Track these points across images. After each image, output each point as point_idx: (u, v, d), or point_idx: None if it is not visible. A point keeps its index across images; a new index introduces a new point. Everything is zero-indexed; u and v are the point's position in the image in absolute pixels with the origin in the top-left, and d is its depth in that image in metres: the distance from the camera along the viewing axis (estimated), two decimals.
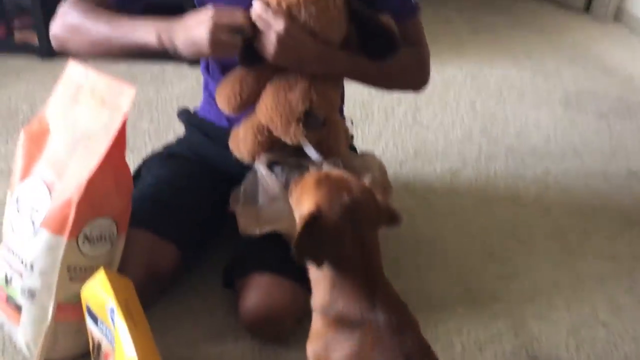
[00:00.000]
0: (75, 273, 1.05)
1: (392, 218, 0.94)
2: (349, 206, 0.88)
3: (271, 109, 1.13)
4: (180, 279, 1.32)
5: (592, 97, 2.40)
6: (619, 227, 1.66)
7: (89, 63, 1.14)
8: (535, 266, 1.49)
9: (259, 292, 1.14)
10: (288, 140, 1.16)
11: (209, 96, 1.42)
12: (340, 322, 0.89)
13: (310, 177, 0.93)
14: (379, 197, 0.92)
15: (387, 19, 1.13)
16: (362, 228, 0.89)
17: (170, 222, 1.25)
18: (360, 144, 1.72)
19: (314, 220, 0.85)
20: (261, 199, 1.21)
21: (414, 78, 1.30)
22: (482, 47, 2.83)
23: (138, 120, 2.01)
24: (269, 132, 1.17)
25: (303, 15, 1.04)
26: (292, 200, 0.96)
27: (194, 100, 2.14)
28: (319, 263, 0.88)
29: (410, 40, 1.22)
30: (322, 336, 0.91)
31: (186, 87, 2.25)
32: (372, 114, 2.16)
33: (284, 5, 1.04)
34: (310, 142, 1.15)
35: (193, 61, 2.37)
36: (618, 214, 1.71)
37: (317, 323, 0.93)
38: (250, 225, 1.16)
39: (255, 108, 1.18)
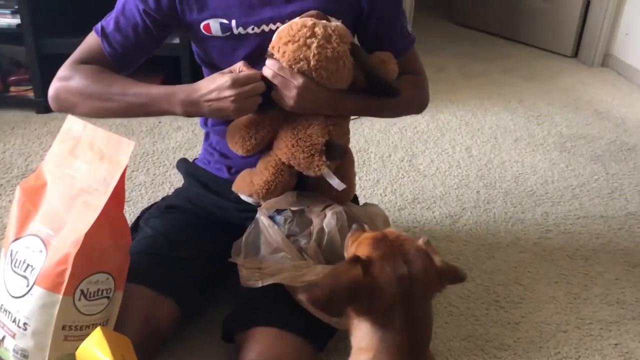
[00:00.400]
0: (70, 332, 1.02)
1: (455, 277, 0.90)
2: (404, 275, 0.83)
3: (292, 146, 1.18)
4: (178, 332, 1.28)
5: (586, 140, 2.42)
6: (621, 269, 1.64)
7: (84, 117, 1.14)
8: (541, 312, 1.47)
9: (262, 346, 1.10)
10: (312, 172, 1.20)
11: (209, 147, 1.42)
12: None
13: (368, 234, 0.90)
14: (437, 258, 0.87)
15: (387, 57, 1.22)
16: (414, 299, 0.84)
17: (168, 277, 1.22)
18: (358, 191, 1.72)
19: (361, 265, 0.81)
20: (263, 250, 1.19)
21: (416, 104, 1.37)
22: (475, 93, 2.87)
23: (134, 172, 2.00)
24: (289, 169, 1.22)
25: (316, 77, 1.13)
26: (346, 254, 0.93)
27: (191, 152, 2.16)
28: (333, 314, 0.84)
29: (410, 69, 1.32)
30: None
31: (182, 139, 2.26)
32: (369, 161, 2.16)
33: (295, 68, 1.12)
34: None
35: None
36: (619, 256, 1.70)
37: (354, 356, 0.88)
38: (252, 276, 1.14)
39: (270, 149, 1.23)
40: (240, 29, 1.20)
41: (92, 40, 1.26)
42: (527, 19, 3.64)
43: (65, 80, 1.23)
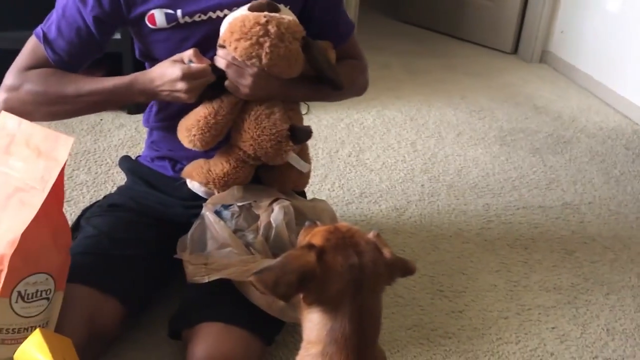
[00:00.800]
0: (7, 335, 0.99)
1: (405, 270, 0.91)
2: (354, 265, 0.84)
3: (258, 136, 1.20)
4: (123, 331, 1.26)
5: (525, 134, 2.51)
6: (558, 257, 1.71)
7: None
8: (483, 300, 1.51)
9: (209, 342, 1.10)
10: (279, 160, 1.23)
11: (152, 144, 1.39)
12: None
13: (320, 228, 0.90)
14: (386, 250, 0.88)
15: (327, 45, 1.28)
16: (363, 290, 0.84)
17: (111, 276, 1.19)
18: (307, 186, 1.72)
19: (315, 257, 0.82)
20: (210, 245, 1.18)
21: (360, 87, 1.44)
22: (420, 89, 2.93)
23: (75, 171, 1.95)
24: (250, 164, 1.24)
25: (268, 72, 1.16)
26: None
27: (134, 149, 2.11)
28: (281, 297, 0.84)
29: (352, 54, 1.38)
30: None
31: (125, 136, 2.21)
32: (317, 156, 2.17)
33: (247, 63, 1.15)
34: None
35: (133, 110, 2.34)
36: (556, 244, 1.77)
37: (304, 353, 0.88)
38: (198, 272, 1.13)
39: (227, 142, 1.24)
40: (187, 18, 1.19)
41: (34, 45, 1.22)
42: (469, 17, 3.73)
43: (15, 90, 1.20)
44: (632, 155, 2.38)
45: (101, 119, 2.30)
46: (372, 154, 2.24)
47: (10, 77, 1.21)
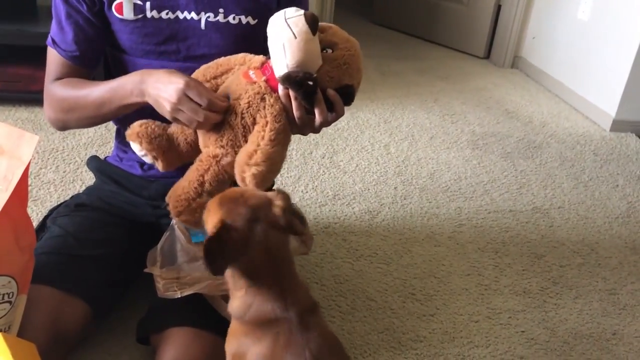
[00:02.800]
0: None
1: (291, 228, 0.96)
2: (249, 216, 0.92)
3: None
4: (89, 335, 1.23)
5: (497, 138, 2.54)
6: (528, 260, 1.73)
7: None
8: (454, 304, 1.52)
9: (178, 347, 1.07)
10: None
11: (121, 144, 1.37)
12: (254, 324, 0.93)
13: (213, 199, 0.97)
14: (277, 209, 0.95)
15: None
16: (265, 234, 0.92)
17: (76, 276, 1.16)
18: (280, 187, 1.71)
19: (219, 232, 0.90)
20: (180, 258, 1.15)
21: None
22: (393, 92, 2.94)
23: (42, 169, 1.90)
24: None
25: None
26: (206, 227, 0.98)
27: (103, 148, 2.07)
28: (224, 268, 0.93)
29: None
30: (237, 337, 0.95)
31: (94, 135, 2.16)
32: (291, 158, 2.16)
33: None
34: None
35: None
36: (526, 248, 1.79)
37: (234, 325, 0.97)
38: (170, 288, 1.10)
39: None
40: (154, 12, 1.17)
41: (51, 54, 1.25)
42: (443, 21, 3.76)
43: (48, 103, 1.25)
44: (600, 160, 2.43)
45: None
46: (346, 155, 2.24)
47: (45, 92, 1.26)
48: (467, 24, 3.65)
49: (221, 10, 1.18)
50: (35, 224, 1.14)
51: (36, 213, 1.65)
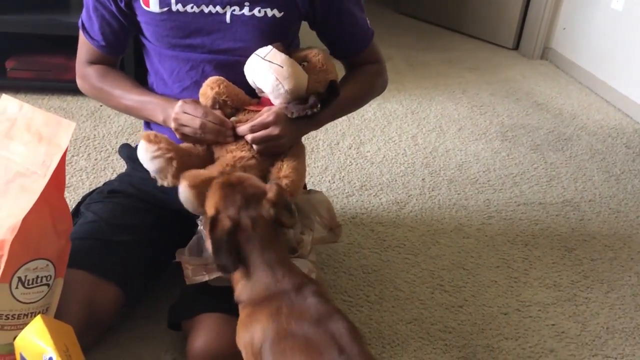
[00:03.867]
0: (7, 321, 0.98)
1: (279, 220, 1.01)
2: (240, 204, 0.99)
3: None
4: (122, 320, 1.25)
5: (526, 130, 2.50)
6: (558, 254, 1.71)
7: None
8: (483, 296, 1.51)
9: (209, 333, 1.09)
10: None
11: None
12: (254, 305, 0.97)
13: (217, 180, 1.04)
14: (266, 202, 1.00)
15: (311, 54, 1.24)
16: (253, 224, 0.98)
17: (110, 261, 1.19)
18: (307, 177, 1.71)
19: (215, 221, 0.97)
20: (206, 254, 1.17)
21: (379, 89, 1.44)
22: (421, 83, 2.92)
23: (74, 157, 1.93)
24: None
25: None
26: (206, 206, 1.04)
27: (133, 137, 2.10)
28: (234, 266, 0.98)
29: (371, 59, 1.38)
30: (244, 325, 0.97)
31: (124, 124, 2.19)
32: (318, 148, 2.16)
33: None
34: None
35: None
36: (556, 241, 1.77)
37: (240, 317, 1.00)
38: (198, 272, 1.11)
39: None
40: (179, 6, 1.18)
41: (82, 37, 1.30)
42: (471, 12, 3.71)
43: (83, 82, 1.34)
44: (633, 154, 2.38)
45: (100, 105, 2.28)
46: (373, 146, 2.23)
47: (77, 67, 1.33)
48: (496, 14, 3.59)
49: (247, 3, 1.18)
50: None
51: (69, 200, 1.68)
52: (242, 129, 1.14)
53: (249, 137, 1.14)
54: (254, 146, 1.15)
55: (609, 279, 1.62)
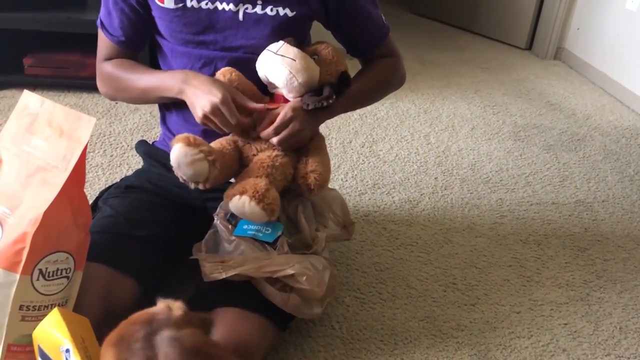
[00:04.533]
0: (28, 312, 0.99)
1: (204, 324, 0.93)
2: (145, 333, 0.86)
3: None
4: None
5: (539, 130, 2.50)
6: (571, 253, 1.71)
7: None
8: (496, 294, 1.51)
9: (225, 327, 1.10)
10: None
11: (167, 130, 1.40)
12: None
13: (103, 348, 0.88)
14: (178, 310, 0.91)
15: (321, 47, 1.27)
16: (172, 340, 0.86)
17: (128, 256, 1.20)
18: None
19: None
20: (222, 249, 1.19)
21: (396, 83, 1.44)
22: (433, 82, 2.92)
23: (90, 153, 1.95)
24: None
25: None
26: None
27: (149, 134, 2.12)
28: None
29: (386, 53, 1.39)
30: None
31: (140, 121, 2.21)
32: (330, 147, 2.17)
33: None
34: None
35: None
36: (569, 241, 1.77)
37: None
38: (215, 269, 1.13)
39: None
40: (194, 2, 1.19)
41: (101, 35, 1.32)
42: (484, 12, 3.71)
43: (101, 80, 1.35)
44: None
45: (116, 103, 2.30)
46: (385, 145, 2.24)
47: (97, 67, 1.35)
48: (509, 14, 3.58)
49: (259, 1, 1.19)
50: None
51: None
52: (265, 133, 1.18)
53: (274, 139, 1.17)
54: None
55: (622, 279, 1.62)
